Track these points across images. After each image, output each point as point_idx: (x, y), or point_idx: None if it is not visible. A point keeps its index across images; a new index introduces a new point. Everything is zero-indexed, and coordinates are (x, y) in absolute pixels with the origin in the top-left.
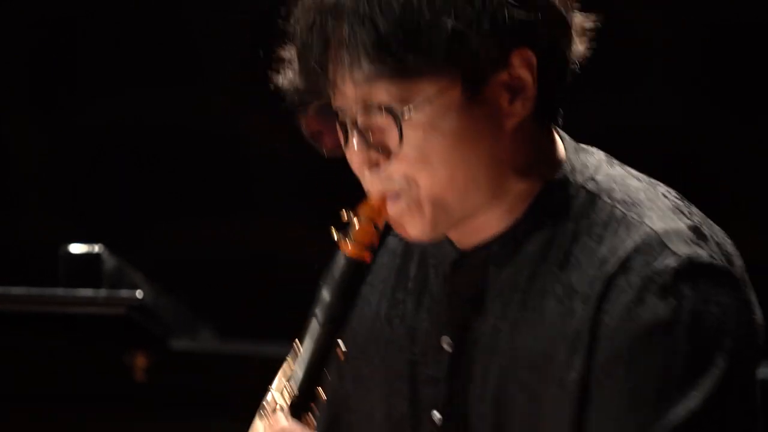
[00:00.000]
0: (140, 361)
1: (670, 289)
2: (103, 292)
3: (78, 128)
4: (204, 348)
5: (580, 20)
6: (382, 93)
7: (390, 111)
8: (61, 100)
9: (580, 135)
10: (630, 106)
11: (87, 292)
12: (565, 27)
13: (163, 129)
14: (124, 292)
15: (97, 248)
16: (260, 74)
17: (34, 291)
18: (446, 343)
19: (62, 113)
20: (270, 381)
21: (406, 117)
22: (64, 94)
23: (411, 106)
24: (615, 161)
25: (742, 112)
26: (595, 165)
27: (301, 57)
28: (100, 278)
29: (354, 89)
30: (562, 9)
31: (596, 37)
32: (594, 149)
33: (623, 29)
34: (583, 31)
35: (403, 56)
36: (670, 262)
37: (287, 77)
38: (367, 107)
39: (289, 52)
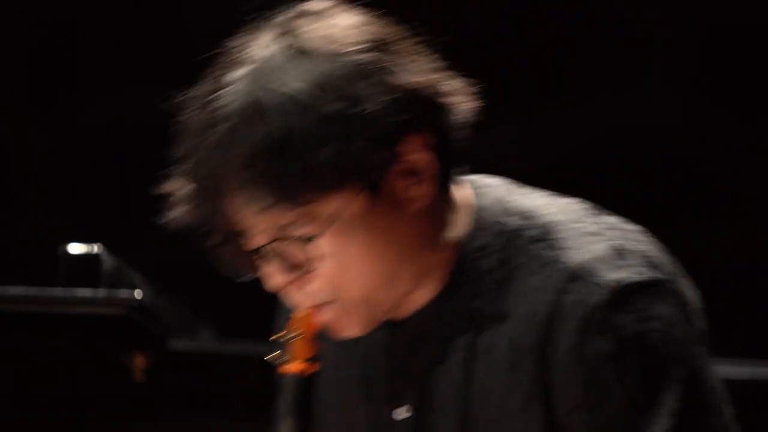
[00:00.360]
0: (139, 361)
1: (607, 323)
2: (102, 293)
3: (78, 128)
4: (204, 348)
5: (459, 86)
6: (288, 218)
7: (299, 234)
8: (61, 100)
9: (581, 135)
10: (630, 106)
11: (86, 292)
12: (442, 106)
13: (163, 129)
14: (123, 293)
15: (96, 248)
16: None
17: (33, 291)
18: (402, 414)
19: (62, 113)
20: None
21: (317, 236)
22: (64, 94)
23: (318, 225)
24: (515, 188)
25: (742, 112)
26: (499, 202)
27: (197, 200)
28: (99, 278)
29: (258, 220)
30: (435, 85)
31: (596, 37)
32: (495, 180)
33: (623, 29)
34: (467, 92)
35: (295, 188)
36: (600, 294)
37: (182, 216)
38: (276, 234)
39: (180, 191)
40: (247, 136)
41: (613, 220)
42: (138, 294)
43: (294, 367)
